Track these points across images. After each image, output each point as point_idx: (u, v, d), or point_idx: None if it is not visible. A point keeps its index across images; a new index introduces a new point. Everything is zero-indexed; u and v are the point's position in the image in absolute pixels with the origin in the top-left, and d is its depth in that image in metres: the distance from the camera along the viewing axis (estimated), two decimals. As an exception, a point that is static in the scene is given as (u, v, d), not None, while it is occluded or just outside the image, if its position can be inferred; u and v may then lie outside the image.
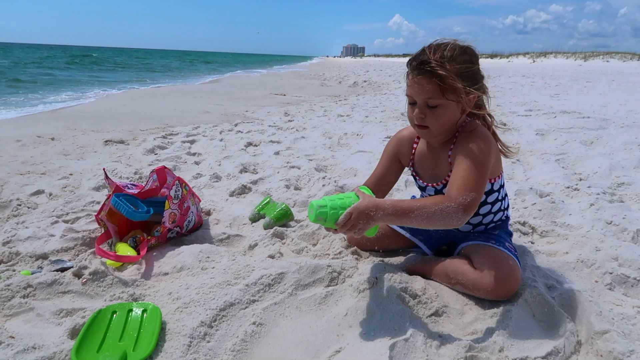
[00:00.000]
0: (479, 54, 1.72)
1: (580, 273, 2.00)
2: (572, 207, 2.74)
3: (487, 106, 1.81)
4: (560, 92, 10.05)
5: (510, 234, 2.03)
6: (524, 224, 2.51)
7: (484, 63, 1.73)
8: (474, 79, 1.68)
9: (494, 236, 1.91)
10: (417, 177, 2.02)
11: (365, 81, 15.58)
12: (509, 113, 6.40)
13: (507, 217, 2.05)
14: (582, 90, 10.81)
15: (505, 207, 2.01)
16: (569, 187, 3.05)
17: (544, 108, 6.95)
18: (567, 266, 2.04)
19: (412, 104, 1.75)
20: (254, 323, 1.69)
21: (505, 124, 5.36)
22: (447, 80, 1.61)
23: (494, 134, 1.86)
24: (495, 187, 1.90)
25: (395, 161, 2.04)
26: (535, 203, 2.74)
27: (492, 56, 53.87)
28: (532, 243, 2.33)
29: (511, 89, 11.31)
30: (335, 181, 3.25)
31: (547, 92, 10.16)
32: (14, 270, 2.06)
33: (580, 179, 3.30)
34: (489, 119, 1.87)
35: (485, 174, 1.66)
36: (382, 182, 2.03)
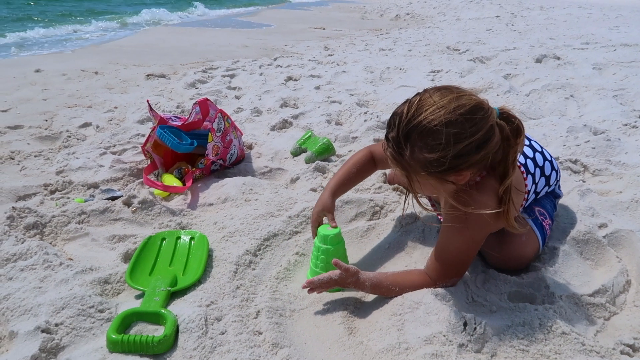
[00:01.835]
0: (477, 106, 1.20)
1: (635, 213, 1.92)
2: (628, 145, 2.59)
3: (507, 170, 1.31)
4: (620, 24, 9.31)
5: (554, 198, 1.80)
6: (575, 162, 2.40)
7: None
8: (460, 159, 1.20)
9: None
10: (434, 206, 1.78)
11: (408, 14, 14.86)
12: (563, 46, 5.99)
13: (554, 191, 1.79)
14: (646, 22, 9.98)
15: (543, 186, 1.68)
16: (626, 125, 2.87)
17: (602, 41, 6.47)
18: (620, 205, 1.96)
19: None
20: (297, 253, 1.73)
21: (559, 58, 5.08)
22: (412, 176, 1.28)
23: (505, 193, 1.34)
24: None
25: None
26: (588, 141, 2.61)
27: (545, -15, 50.02)
28: (584, 182, 2.23)
29: (565, 22, 10.56)
30: (377, 116, 3.18)
31: (605, 25, 9.43)
32: (68, 198, 2.15)
33: (640, 116, 3.10)
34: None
35: (472, 256, 1.43)
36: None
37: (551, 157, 1.71)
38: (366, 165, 1.75)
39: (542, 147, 1.72)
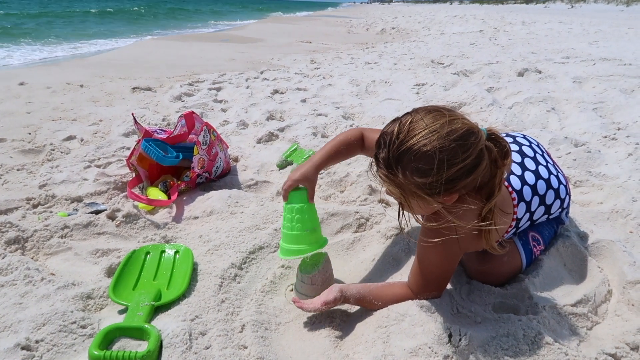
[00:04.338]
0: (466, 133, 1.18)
1: (615, 223, 1.95)
2: (608, 157, 2.64)
3: (491, 193, 1.29)
4: (599, 39, 9.54)
5: (557, 225, 1.78)
6: (557, 173, 2.44)
7: (518, 9, 1.35)
8: (451, 184, 1.19)
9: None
10: None
11: (393, 28, 15.09)
12: (544, 60, 6.11)
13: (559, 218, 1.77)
14: (624, 37, 10.23)
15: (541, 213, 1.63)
16: (606, 137, 2.93)
17: (582, 55, 6.62)
18: (601, 216, 1.99)
19: None
20: (282, 266, 1.73)
21: (540, 72, 5.18)
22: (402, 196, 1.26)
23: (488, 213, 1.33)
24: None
25: None
26: (569, 152, 2.66)
27: (527, 1, 51.20)
28: (565, 193, 2.27)
29: (547, 36, 10.79)
30: (362, 129, 3.20)
31: (585, 39, 9.65)
32: (51, 212, 2.13)
33: (619, 129, 3.16)
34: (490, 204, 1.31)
35: (450, 271, 1.44)
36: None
37: (560, 184, 1.63)
38: (355, 145, 1.68)
39: (557, 172, 1.66)
